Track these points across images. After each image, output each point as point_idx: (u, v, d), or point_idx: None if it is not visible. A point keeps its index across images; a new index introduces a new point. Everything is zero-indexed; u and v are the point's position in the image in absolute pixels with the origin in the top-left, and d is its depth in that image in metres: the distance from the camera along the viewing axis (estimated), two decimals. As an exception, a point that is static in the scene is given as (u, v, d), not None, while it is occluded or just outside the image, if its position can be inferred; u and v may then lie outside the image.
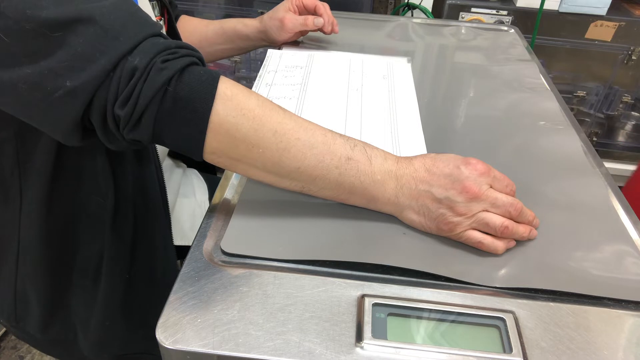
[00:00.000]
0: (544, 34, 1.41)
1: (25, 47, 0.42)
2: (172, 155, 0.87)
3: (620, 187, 0.59)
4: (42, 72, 0.42)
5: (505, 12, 1.41)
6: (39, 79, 0.42)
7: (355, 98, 0.74)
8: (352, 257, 0.47)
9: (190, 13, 1.51)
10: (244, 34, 0.92)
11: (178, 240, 0.78)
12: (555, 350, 0.40)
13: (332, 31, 0.89)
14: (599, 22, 1.38)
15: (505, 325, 0.41)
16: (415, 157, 0.51)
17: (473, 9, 1.42)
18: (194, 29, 0.94)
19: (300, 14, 0.89)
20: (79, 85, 0.42)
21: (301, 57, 0.85)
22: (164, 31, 0.48)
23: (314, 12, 0.89)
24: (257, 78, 0.78)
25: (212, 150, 0.46)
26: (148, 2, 0.70)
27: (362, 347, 0.39)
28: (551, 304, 0.44)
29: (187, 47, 0.47)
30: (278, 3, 0.90)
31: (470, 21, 1.40)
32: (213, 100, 0.44)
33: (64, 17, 0.41)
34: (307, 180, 0.49)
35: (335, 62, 0.85)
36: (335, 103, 0.72)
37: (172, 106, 0.44)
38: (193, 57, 0.46)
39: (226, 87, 0.46)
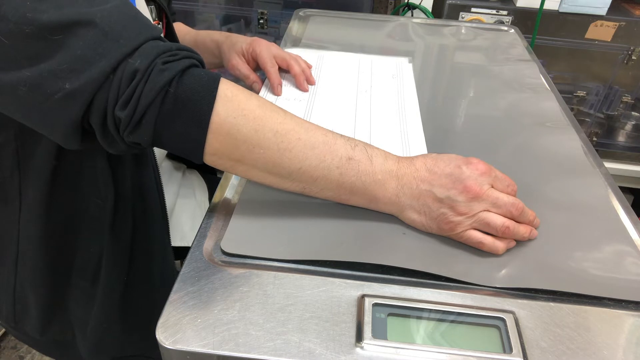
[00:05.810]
0: (544, 34, 1.41)
1: (25, 49, 0.42)
2: (172, 156, 0.87)
3: (620, 187, 0.59)
4: (42, 74, 0.42)
5: (505, 12, 1.41)
6: (38, 81, 0.42)
7: (363, 99, 0.74)
8: (352, 257, 0.47)
9: (190, 13, 1.51)
10: (210, 50, 0.86)
11: (178, 241, 0.78)
12: (555, 350, 0.40)
13: (309, 83, 0.78)
14: (599, 22, 1.38)
15: (505, 326, 0.41)
16: (417, 157, 0.51)
17: (473, 9, 1.42)
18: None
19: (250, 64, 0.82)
20: (79, 88, 0.42)
21: (311, 58, 0.85)
22: (162, 35, 0.48)
23: (287, 69, 0.79)
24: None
25: (213, 151, 0.46)
26: (145, 6, 0.70)
27: (362, 347, 0.39)
28: (551, 304, 0.44)
29: (188, 49, 0.47)
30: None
31: (470, 21, 1.40)
32: (214, 101, 0.44)
33: (64, 20, 0.41)
34: (308, 181, 0.49)
35: (345, 63, 0.85)
36: (344, 104, 0.72)
37: (173, 107, 0.44)
38: (193, 59, 0.46)
39: (227, 88, 0.46)
